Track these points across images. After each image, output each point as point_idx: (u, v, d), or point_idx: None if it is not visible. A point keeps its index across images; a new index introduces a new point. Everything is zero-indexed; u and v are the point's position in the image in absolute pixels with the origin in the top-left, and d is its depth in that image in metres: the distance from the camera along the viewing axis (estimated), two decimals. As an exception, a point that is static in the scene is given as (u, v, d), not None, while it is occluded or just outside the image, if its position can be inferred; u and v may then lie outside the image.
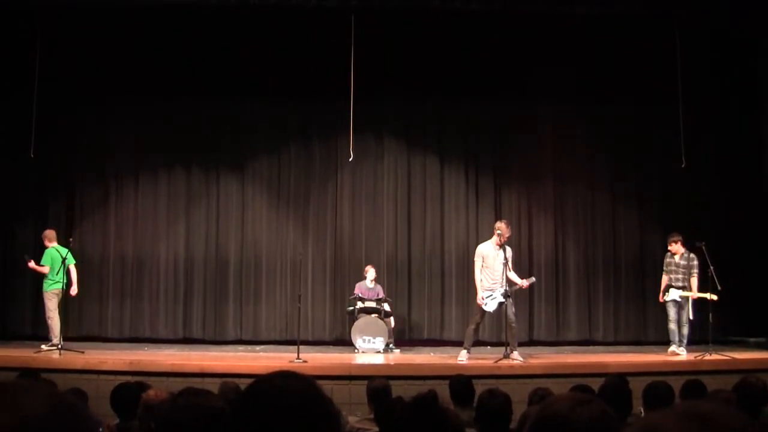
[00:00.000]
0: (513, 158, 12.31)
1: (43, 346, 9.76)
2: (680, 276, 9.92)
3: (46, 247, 10.20)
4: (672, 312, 9.95)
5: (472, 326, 9.39)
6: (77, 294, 10.29)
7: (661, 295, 10.09)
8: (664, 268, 10.15)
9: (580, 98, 12.05)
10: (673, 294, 9.92)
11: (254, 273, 12.05)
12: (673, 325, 9.93)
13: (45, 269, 9.97)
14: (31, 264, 10.08)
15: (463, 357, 9.14)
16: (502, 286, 9.16)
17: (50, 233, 10.33)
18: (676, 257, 10.01)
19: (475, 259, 9.41)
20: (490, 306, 9.19)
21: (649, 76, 11.66)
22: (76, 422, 1.04)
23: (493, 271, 9.20)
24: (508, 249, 9.35)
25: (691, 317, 9.85)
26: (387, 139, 12.29)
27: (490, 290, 9.19)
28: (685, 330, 9.86)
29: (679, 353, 9.75)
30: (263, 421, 1.46)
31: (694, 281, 9.85)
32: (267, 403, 1.49)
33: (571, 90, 11.97)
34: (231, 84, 11.89)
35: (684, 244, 10.03)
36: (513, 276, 9.32)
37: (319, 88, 11.77)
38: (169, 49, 11.76)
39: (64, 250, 10.06)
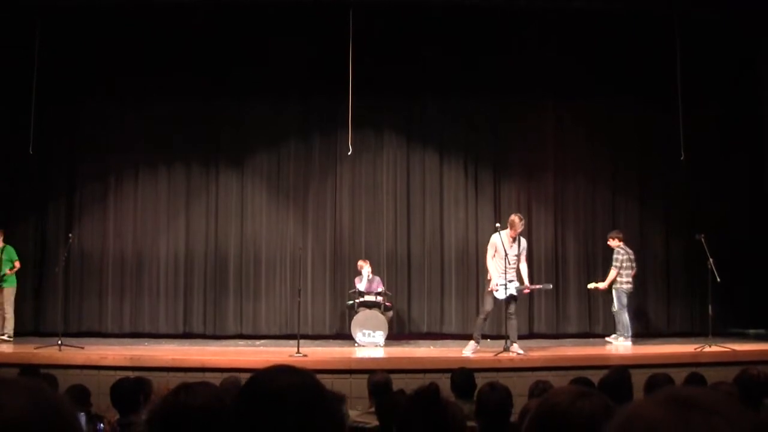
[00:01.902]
0: (513, 152, 12.29)
1: None
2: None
3: None
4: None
5: (482, 316, 9.41)
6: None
7: None
8: None
9: (580, 92, 12.04)
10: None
11: (254, 268, 12.05)
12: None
13: None
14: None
15: (469, 349, 9.12)
16: (516, 280, 9.16)
17: None
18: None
19: (488, 247, 9.44)
20: (501, 294, 9.17)
21: (649, 69, 11.66)
22: (58, 421, 1.03)
23: (504, 262, 9.18)
24: (523, 241, 9.38)
25: (613, 308, 10.65)
26: (386, 132, 12.27)
27: (504, 281, 9.18)
28: (623, 319, 10.54)
29: (611, 341, 10.62)
30: (261, 415, 1.46)
31: (610, 273, 10.62)
32: (264, 397, 1.48)
33: (571, 84, 11.95)
34: (230, 79, 11.86)
35: (622, 240, 10.78)
36: (524, 270, 9.32)
37: (318, 83, 11.76)
38: (168, 45, 11.72)
39: (9, 249, 10.74)
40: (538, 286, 10.17)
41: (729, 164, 11.93)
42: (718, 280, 9.38)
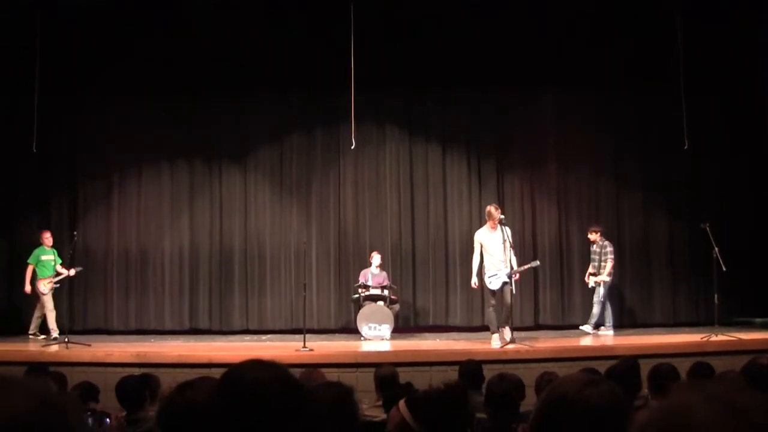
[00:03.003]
0: (515, 144, 12.26)
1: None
2: (596, 263, 10.86)
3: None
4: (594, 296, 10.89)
5: (489, 308, 9.42)
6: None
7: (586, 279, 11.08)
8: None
9: (582, 82, 11.97)
10: (591, 280, 10.88)
11: (259, 263, 12.06)
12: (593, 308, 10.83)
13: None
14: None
15: (496, 341, 9.10)
16: (507, 267, 9.17)
17: None
18: (594, 246, 10.93)
19: (474, 245, 9.46)
20: (494, 284, 9.21)
21: (651, 59, 11.60)
22: (63, 420, 1.03)
23: (493, 254, 9.21)
24: (507, 229, 9.31)
25: (599, 299, 10.69)
26: (389, 126, 12.25)
27: (495, 271, 9.20)
28: (595, 310, 10.72)
29: (587, 331, 10.71)
30: (239, 409, 1.45)
31: (606, 266, 10.70)
32: (240, 391, 1.47)
33: (573, 74, 11.89)
34: (231, 75, 11.84)
35: (603, 235, 10.94)
36: (512, 259, 9.29)
37: (320, 77, 11.71)
38: (171, 41, 11.68)
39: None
40: (525, 267, 9.83)
41: (733, 153, 11.87)
42: (724, 269, 9.34)
